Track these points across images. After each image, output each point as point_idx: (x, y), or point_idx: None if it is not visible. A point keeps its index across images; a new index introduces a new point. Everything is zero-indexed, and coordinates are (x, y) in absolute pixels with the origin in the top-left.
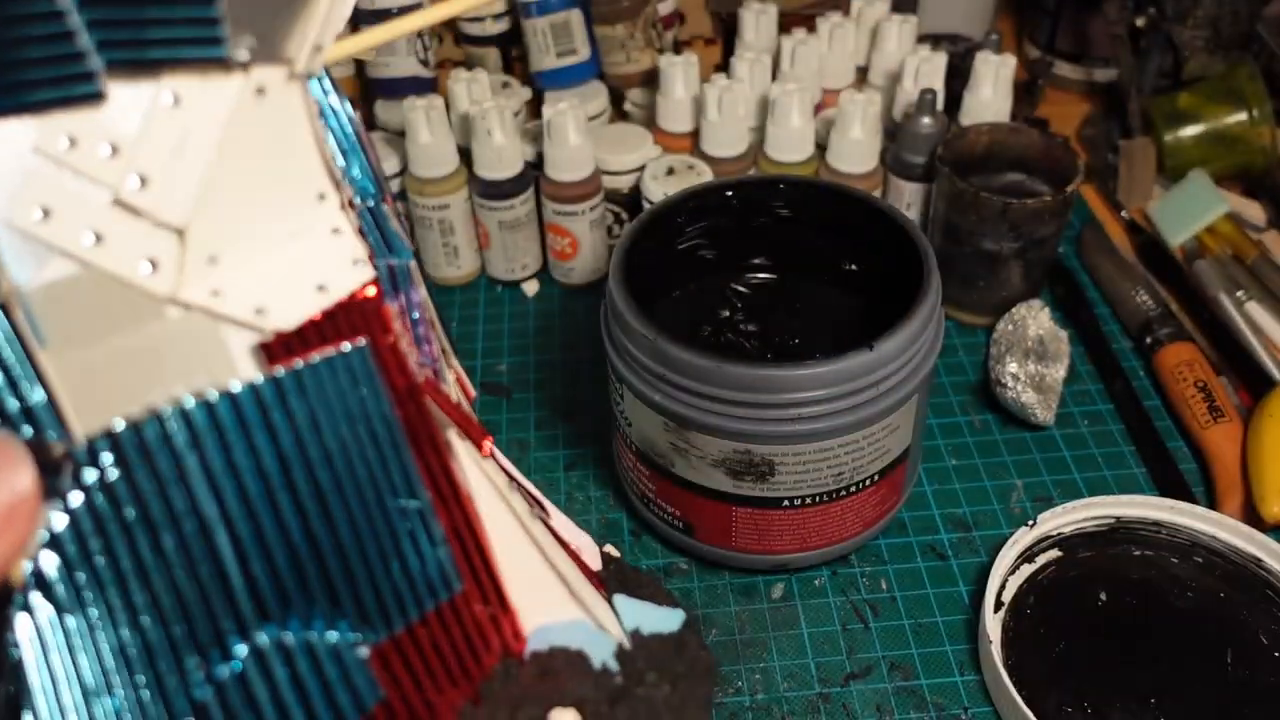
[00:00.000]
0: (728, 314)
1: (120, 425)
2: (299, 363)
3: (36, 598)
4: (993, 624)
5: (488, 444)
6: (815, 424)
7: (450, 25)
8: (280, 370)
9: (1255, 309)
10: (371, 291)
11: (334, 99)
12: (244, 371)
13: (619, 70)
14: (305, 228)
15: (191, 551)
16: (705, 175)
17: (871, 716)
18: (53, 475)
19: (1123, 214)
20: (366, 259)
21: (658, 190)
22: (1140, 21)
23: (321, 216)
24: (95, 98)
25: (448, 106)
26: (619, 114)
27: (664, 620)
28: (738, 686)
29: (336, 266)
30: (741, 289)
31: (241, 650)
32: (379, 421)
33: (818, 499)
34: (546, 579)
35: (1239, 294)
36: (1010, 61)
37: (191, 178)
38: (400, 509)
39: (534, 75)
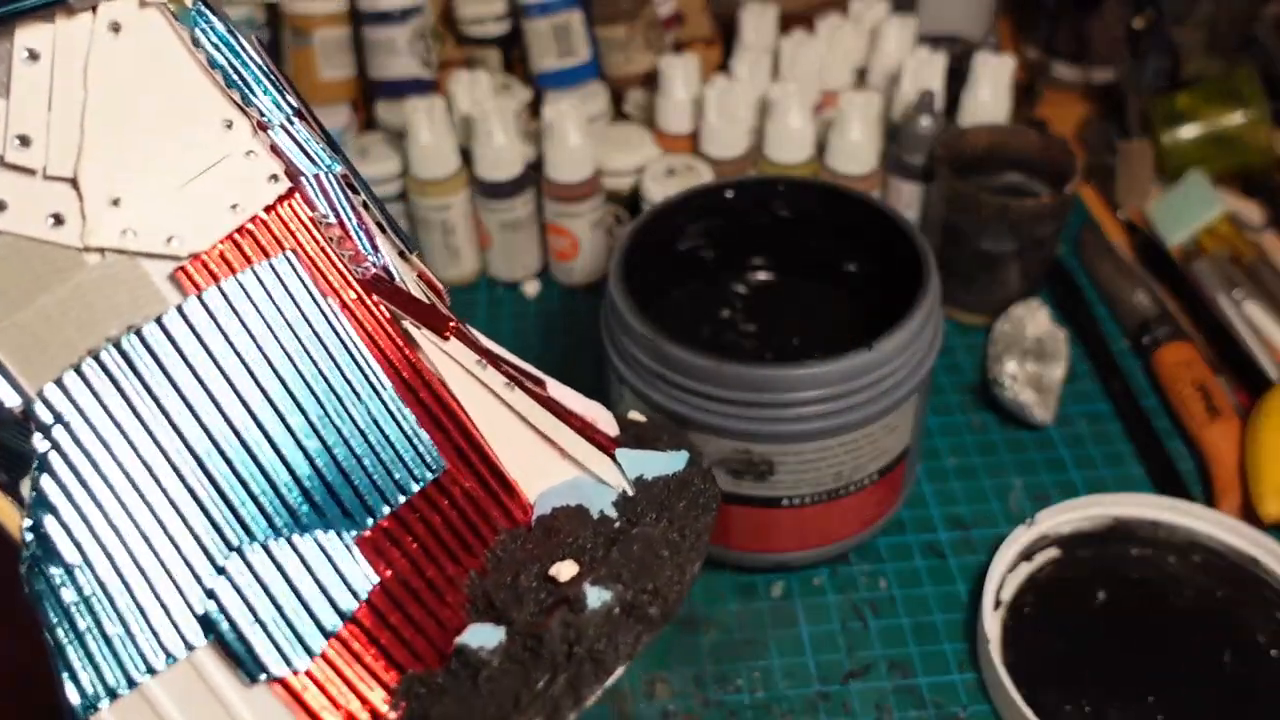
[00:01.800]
0: (728, 314)
1: (68, 375)
2: (225, 282)
3: (36, 547)
4: (991, 623)
5: (452, 327)
6: (815, 424)
7: (451, 26)
8: (208, 292)
9: (1253, 309)
10: (288, 204)
11: (220, 27)
12: (173, 300)
13: (619, 71)
14: (219, 155)
15: (178, 466)
16: (705, 176)
17: (870, 715)
18: (15, 432)
19: (1121, 214)
20: (284, 174)
21: (658, 191)
22: (1139, 22)
23: (234, 142)
24: None
25: (449, 107)
26: (619, 114)
27: (667, 463)
28: (737, 685)
29: (251, 186)
30: (741, 289)
31: (236, 564)
32: (323, 324)
33: (817, 498)
34: (536, 445)
35: (1236, 294)
36: (1009, 62)
37: (68, 126)
38: (363, 404)
39: (534, 76)
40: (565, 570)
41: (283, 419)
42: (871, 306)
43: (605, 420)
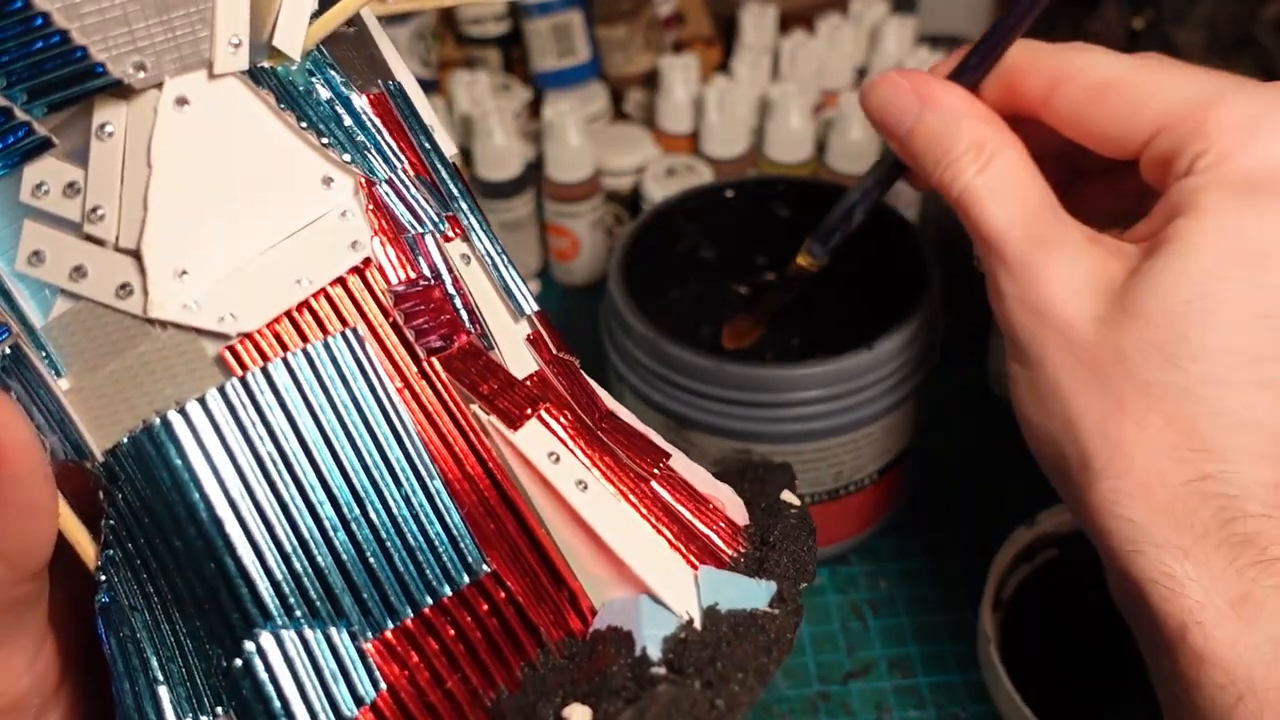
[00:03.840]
0: (728, 314)
1: (124, 440)
2: (272, 364)
3: (105, 589)
4: (991, 623)
5: (530, 412)
6: (815, 423)
7: (451, 26)
8: (250, 373)
9: None
10: (360, 276)
11: (337, 81)
12: (219, 379)
13: (619, 71)
14: (313, 215)
15: (196, 553)
16: (705, 175)
17: (870, 715)
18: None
19: None
20: (369, 239)
21: (658, 191)
22: (1139, 22)
23: (332, 200)
24: (44, 145)
25: (449, 107)
26: (619, 114)
27: (750, 594)
28: None
29: (327, 255)
30: (741, 289)
31: (249, 646)
32: (373, 408)
33: (817, 498)
34: (604, 552)
35: None
36: None
37: (134, 202)
38: (403, 497)
39: (534, 76)
40: (576, 716)
41: (313, 510)
42: (871, 306)
43: (734, 505)
